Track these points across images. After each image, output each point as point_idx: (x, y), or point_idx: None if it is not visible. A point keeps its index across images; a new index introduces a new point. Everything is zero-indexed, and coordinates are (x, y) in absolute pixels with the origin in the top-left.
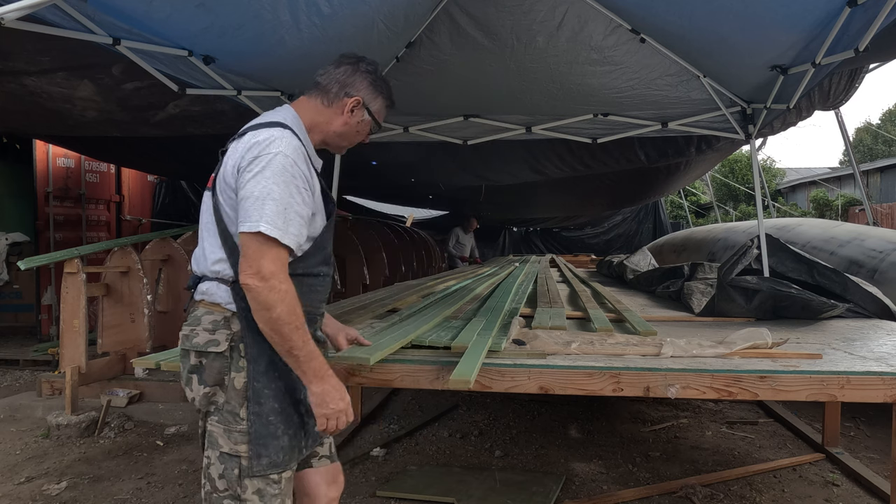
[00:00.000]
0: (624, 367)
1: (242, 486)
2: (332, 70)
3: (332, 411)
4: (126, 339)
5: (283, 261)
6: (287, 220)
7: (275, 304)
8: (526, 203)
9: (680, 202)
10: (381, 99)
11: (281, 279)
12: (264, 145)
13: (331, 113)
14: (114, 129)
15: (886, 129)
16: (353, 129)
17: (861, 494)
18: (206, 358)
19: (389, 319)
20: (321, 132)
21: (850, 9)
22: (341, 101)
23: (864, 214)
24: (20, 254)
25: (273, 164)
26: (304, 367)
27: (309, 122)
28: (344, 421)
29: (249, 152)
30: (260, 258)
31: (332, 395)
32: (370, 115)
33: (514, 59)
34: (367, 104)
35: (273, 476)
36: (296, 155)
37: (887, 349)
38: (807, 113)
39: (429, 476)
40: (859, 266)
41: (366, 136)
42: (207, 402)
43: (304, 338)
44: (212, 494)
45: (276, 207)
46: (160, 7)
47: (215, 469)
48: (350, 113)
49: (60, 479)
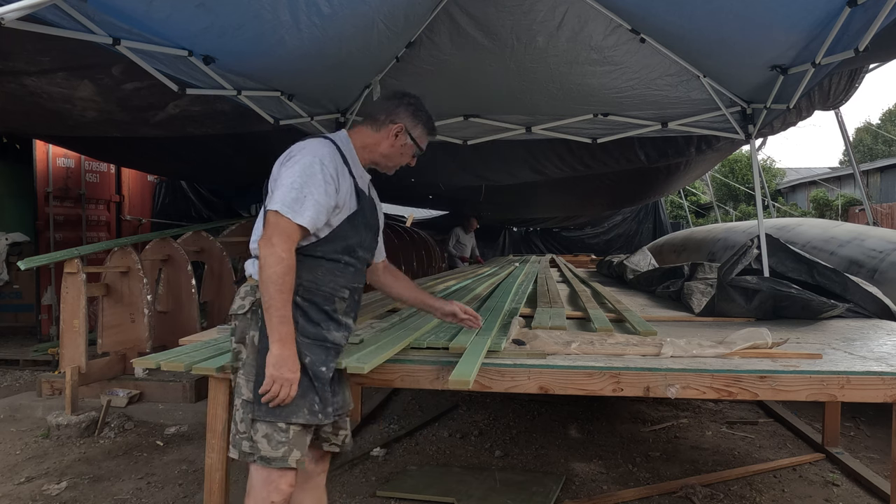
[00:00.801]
0: (624, 367)
1: (254, 429)
2: (381, 102)
3: (280, 376)
4: (126, 339)
5: (290, 235)
6: (303, 205)
7: (271, 265)
8: (526, 203)
9: (680, 202)
10: (420, 126)
11: (283, 248)
12: (300, 148)
13: (379, 137)
14: (114, 130)
15: (886, 129)
16: (398, 152)
17: (861, 494)
18: (237, 320)
19: (389, 319)
20: (370, 153)
21: (850, 9)
22: (387, 127)
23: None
24: (20, 254)
25: (302, 160)
26: (275, 326)
27: (360, 144)
28: (287, 392)
29: (289, 153)
30: (272, 229)
31: (288, 362)
32: (412, 139)
33: (514, 59)
34: (408, 130)
35: (280, 424)
36: (323, 155)
37: (887, 349)
38: (807, 113)
39: (429, 476)
40: (859, 266)
41: (410, 158)
42: (235, 358)
43: (284, 303)
44: (235, 436)
45: (296, 194)
46: (160, 7)
47: (238, 414)
48: (394, 137)
49: (60, 479)
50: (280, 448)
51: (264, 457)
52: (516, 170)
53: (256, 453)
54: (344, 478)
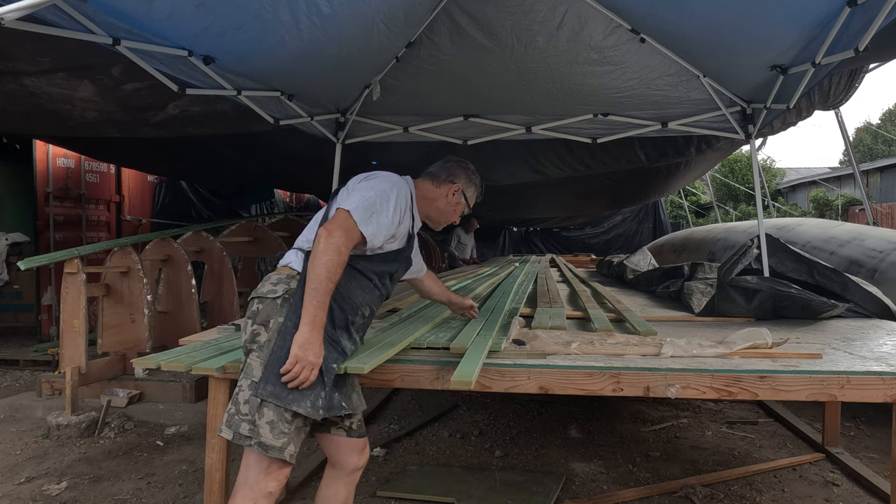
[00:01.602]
0: (624, 367)
1: (260, 413)
2: (442, 164)
3: (304, 357)
4: (126, 339)
5: (351, 236)
6: (370, 217)
7: (328, 251)
8: (526, 203)
9: (680, 202)
10: (473, 188)
11: (341, 244)
12: (385, 177)
13: (437, 193)
14: (114, 130)
15: (886, 129)
16: (451, 209)
17: (861, 494)
18: (262, 303)
19: (389, 319)
20: (427, 205)
21: (849, 9)
22: (447, 185)
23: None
24: (20, 254)
25: (380, 183)
26: (311, 308)
27: (421, 195)
28: (307, 375)
29: (373, 174)
30: (338, 224)
31: (313, 345)
32: (465, 199)
33: (514, 59)
34: (464, 191)
35: (286, 414)
36: (401, 190)
37: (887, 349)
38: (807, 113)
39: (429, 476)
40: (859, 266)
41: (458, 216)
42: (252, 340)
43: (328, 291)
44: (234, 416)
45: (367, 206)
46: (160, 7)
47: (243, 395)
48: (452, 196)
49: (60, 480)
50: (281, 438)
51: (263, 443)
52: (516, 170)
53: (255, 437)
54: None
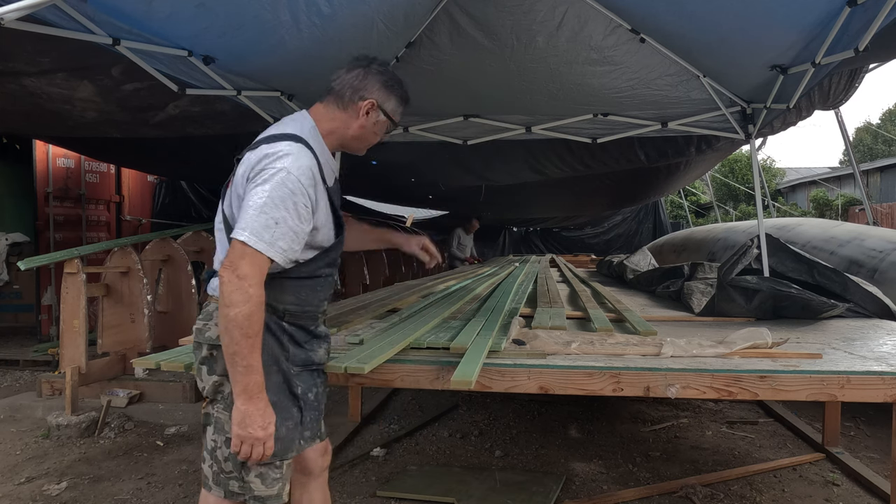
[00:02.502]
0: (624, 366)
1: (246, 469)
2: (343, 75)
3: (248, 436)
4: (126, 339)
5: (260, 268)
6: (275, 235)
7: (236, 304)
8: (526, 203)
9: (680, 202)
10: (394, 98)
11: (252, 283)
12: (273, 159)
13: (347, 117)
14: (114, 130)
15: (886, 129)
16: (371, 131)
17: (861, 494)
18: (217, 350)
19: (389, 319)
20: (339, 137)
21: (849, 8)
22: (356, 105)
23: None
24: (20, 254)
25: (275, 179)
26: (238, 377)
27: (326, 129)
28: (260, 452)
29: (259, 164)
30: (240, 259)
31: (254, 420)
32: (385, 115)
33: (514, 59)
34: (381, 105)
35: (276, 462)
36: (300, 172)
37: (887, 349)
38: (807, 113)
39: (429, 476)
40: (859, 266)
41: (382, 135)
42: (215, 391)
43: (251, 349)
44: (220, 475)
45: (267, 221)
46: (160, 7)
47: (221, 452)
48: (366, 116)
49: (60, 480)
50: (275, 485)
51: (259, 497)
52: (516, 170)
53: (248, 493)
54: (344, 478)
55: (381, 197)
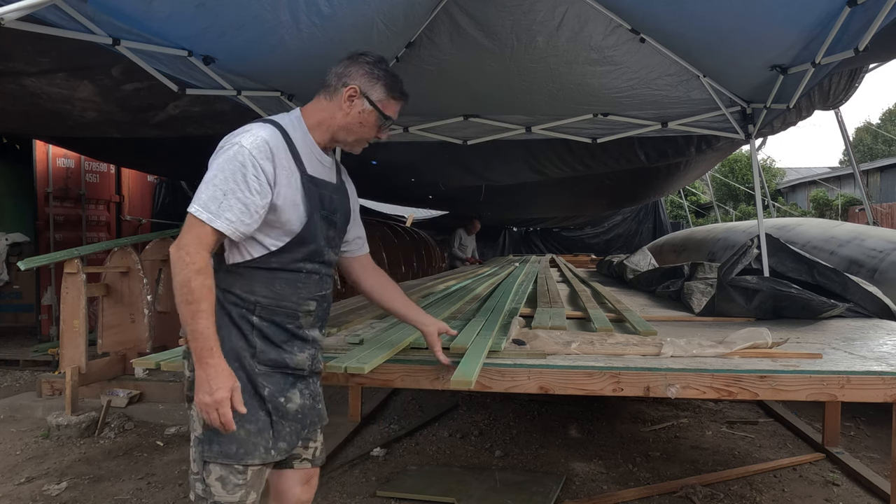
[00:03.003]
0: (624, 366)
1: (207, 471)
2: (333, 67)
3: (199, 401)
4: (126, 339)
5: (202, 239)
6: (222, 207)
7: (176, 273)
8: (526, 203)
9: (680, 202)
10: (381, 87)
11: (191, 252)
12: (231, 136)
13: (332, 107)
14: (114, 130)
15: (886, 129)
16: (356, 121)
17: (861, 494)
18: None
19: (389, 319)
20: (327, 128)
21: (849, 8)
22: (339, 92)
23: (864, 214)
24: (20, 254)
25: (227, 153)
26: (190, 344)
27: (315, 121)
28: (215, 417)
29: (221, 143)
30: (186, 232)
31: (202, 384)
32: (371, 104)
33: (514, 59)
34: (364, 92)
35: (237, 466)
36: (253, 146)
37: (887, 349)
38: (807, 113)
39: (429, 476)
40: (859, 266)
41: (374, 128)
42: (189, 387)
43: (194, 315)
44: (190, 475)
45: (214, 192)
46: (160, 7)
47: (192, 452)
48: (349, 102)
49: (61, 480)
50: (237, 492)
51: (218, 503)
52: (516, 170)
53: (209, 498)
54: (344, 478)
55: (381, 197)
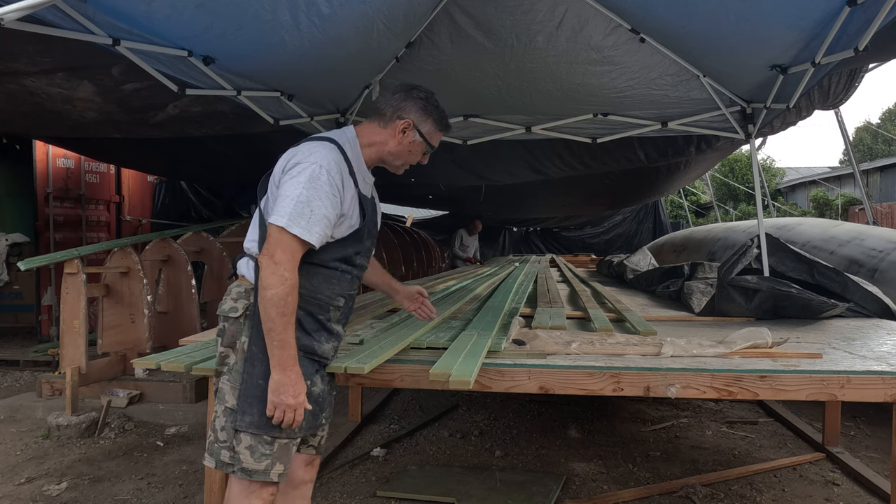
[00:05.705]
0: (624, 366)
1: (237, 439)
2: (388, 96)
3: (281, 402)
4: (126, 339)
5: (294, 253)
6: (311, 221)
7: (272, 286)
8: (526, 203)
9: (680, 202)
10: (430, 121)
11: (287, 268)
12: (306, 154)
13: (386, 134)
14: (113, 130)
15: (886, 129)
16: (406, 149)
17: (861, 494)
18: (227, 322)
19: (389, 319)
20: (377, 151)
21: (849, 8)
22: (394, 123)
23: (864, 214)
24: (20, 254)
25: (308, 171)
26: (274, 350)
27: (367, 142)
28: (291, 417)
29: (294, 158)
30: (277, 245)
31: (287, 388)
32: (421, 136)
33: (514, 59)
34: (417, 126)
35: (266, 437)
36: (330, 166)
37: (887, 348)
38: (806, 112)
39: (429, 476)
40: (859, 265)
41: (419, 155)
42: (221, 362)
43: (286, 326)
44: (213, 444)
45: (300, 209)
46: (160, 7)
47: (219, 421)
48: (402, 134)
49: (61, 480)
50: (263, 461)
51: (246, 469)
52: (516, 170)
53: (237, 464)
54: (344, 478)
55: (382, 197)
